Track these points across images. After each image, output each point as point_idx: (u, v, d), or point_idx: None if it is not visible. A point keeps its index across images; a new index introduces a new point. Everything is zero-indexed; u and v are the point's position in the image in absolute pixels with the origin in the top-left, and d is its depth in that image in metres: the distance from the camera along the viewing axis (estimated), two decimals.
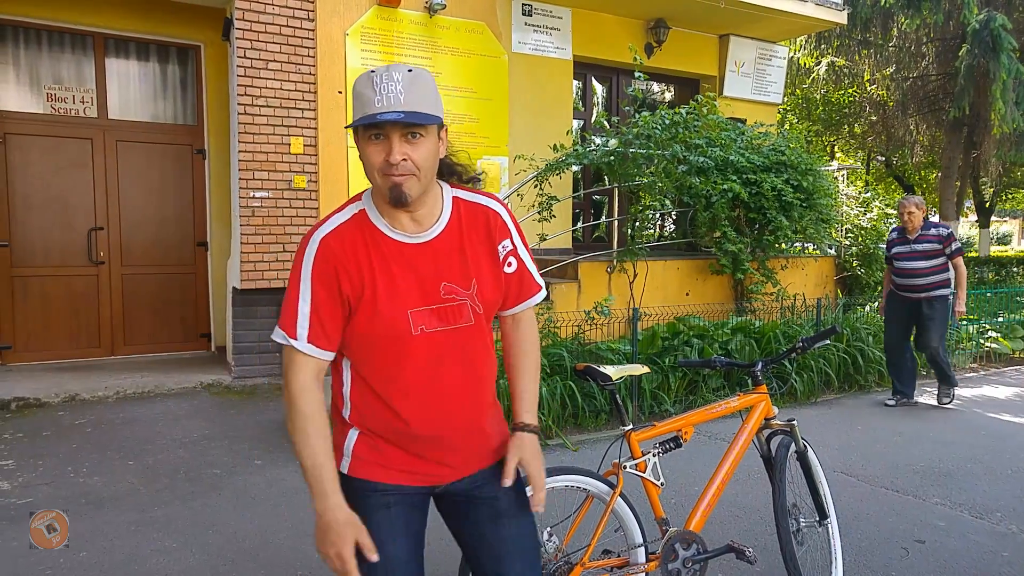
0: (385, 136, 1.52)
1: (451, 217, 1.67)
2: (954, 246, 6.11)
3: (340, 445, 1.69)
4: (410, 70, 1.54)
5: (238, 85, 6.51)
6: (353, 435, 1.69)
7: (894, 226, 6.57)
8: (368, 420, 1.67)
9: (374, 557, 1.53)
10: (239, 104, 6.51)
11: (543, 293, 1.85)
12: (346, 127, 1.67)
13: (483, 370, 1.72)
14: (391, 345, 1.60)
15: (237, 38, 6.50)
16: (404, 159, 1.52)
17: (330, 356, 1.61)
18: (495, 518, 1.74)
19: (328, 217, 1.65)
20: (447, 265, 1.64)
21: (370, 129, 1.53)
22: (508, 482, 1.68)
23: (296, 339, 1.57)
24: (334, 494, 1.54)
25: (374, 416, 1.66)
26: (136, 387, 6.26)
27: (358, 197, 1.69)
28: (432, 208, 1.65)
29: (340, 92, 6.95)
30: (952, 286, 6.27)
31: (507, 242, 1.73)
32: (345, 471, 1.68)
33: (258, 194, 6.57)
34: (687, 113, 7.58)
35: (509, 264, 1.73)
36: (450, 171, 1.75)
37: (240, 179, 6.53)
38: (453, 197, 1.70)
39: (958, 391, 7.10)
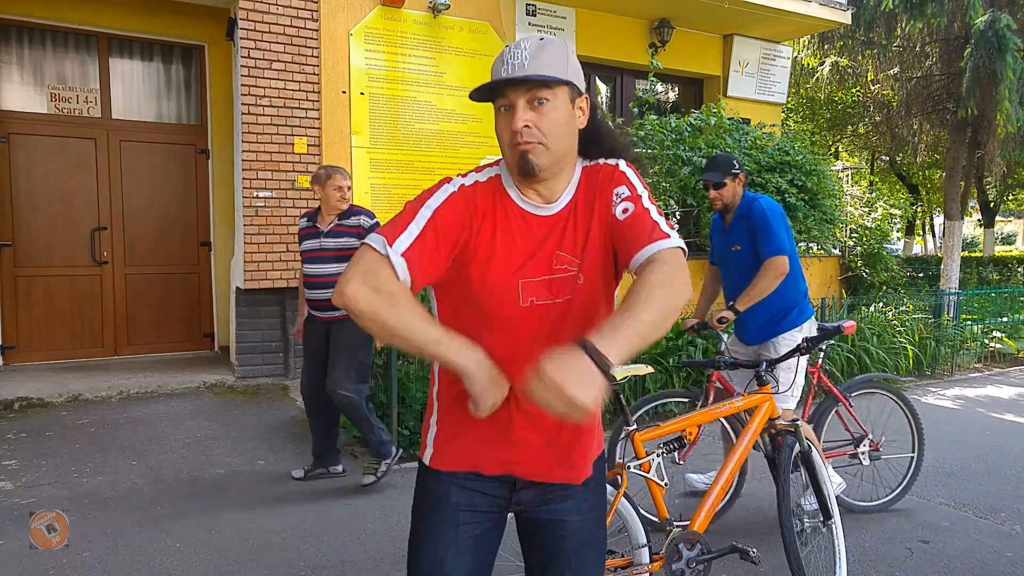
0: (512, 106, 1.46)
1: (577, 187, 1.58)
2: None
3: (424, 437, 1.68)
4: (542, 39, 1.47)
5: (242, 85, 6.51)
6: (434, 425, 1.65)
7: (305, 211, 4.51)
8: (454, 394, 1.57)
9: None
10: (243, 104, 6.51)
11: (674, 242, 1.44)
12: (469, 96, 1.56)
13: None
14: (497, 313, 1.52)
15: (241, 38, 6.51)
16: (527, 125, 1.44)
17: (406, 281, 1.42)
18: (559, 549, 1.64)
19: (467, 172, 1.59)
20: (563, 235, 1.55)
21: (498, 101, 1.48)
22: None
23: (391, 246, 1.41)
24: (465, 349, 1.40)
25: (461, 390, 1.50)
26: (139, 387, 6.26)
27: (496, 163, 1.62)
28: (563, 182, 1.57)
29: (344, 92, 6.95)
30: None
31: (622, 188, 1.54)
32: (427, 462, 1.65)
33: (262, 194, 6.57)
34: (695, 120, 7.64)
35: (624, 211, 1.50)
36: (598, 145, 1.61)
37: (244, 179, 6.54)
38: (583, 167, 1.61)
39: (961, 391, 7.08)
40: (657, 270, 1.38)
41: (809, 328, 3.78)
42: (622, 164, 1.59)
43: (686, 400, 4.04)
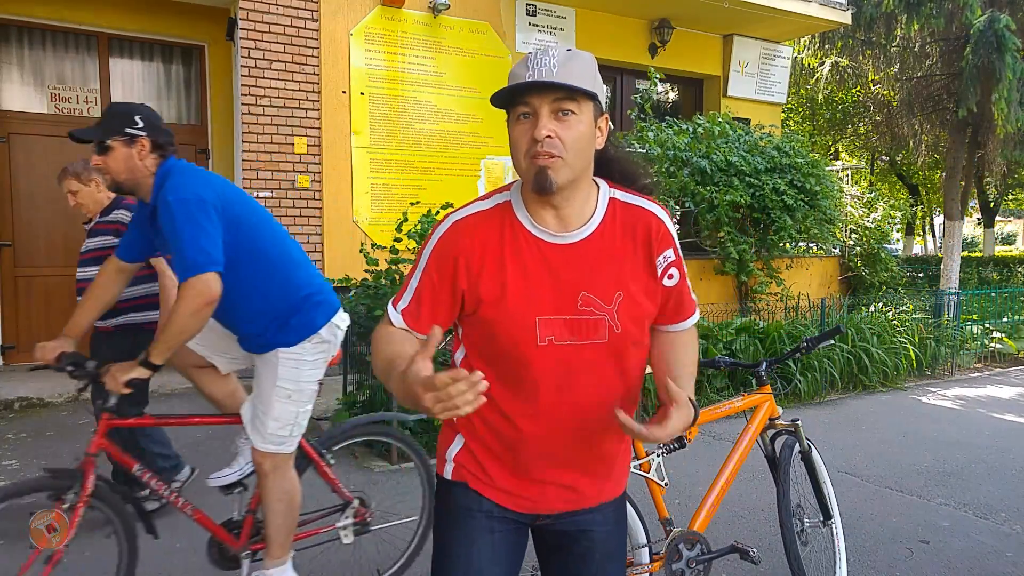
0: (533, 113, 1.36)
1: (604, 219, 1.48)
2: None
3: (443, 453, 1.62)
4: (569, 49, 1.40)
5: (242, 85, 6.51)
6: (458, 444, 1.59)
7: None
8: (479, 428, 1.54)
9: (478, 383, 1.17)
10: (243, 104, 6.51)
11: (697, 315, 1.65)
12: (491, 99, 1.42)
13: (612, 395, 1.51)
14: (513, 352, 1.46)
15: (241, 38, 6.51)
16: (550, 136, 1.35)
17: (418, 335, 1.51)
18: (585, 561, 1.61)
19: (471, 202, 1.52)
20: (590, 273, 1.46)
21: (517, 108, 1.38)
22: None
23: (395, 308, 1.52)
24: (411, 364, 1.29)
25: (485, 423, 1.53)
26: None
27: (507, 187, 1.52)
28: (583, 207, 1.47)
29: (344, 92, 6.95)
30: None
31: (669, 252, 1.52)
32: (448, 476, 1.60)
33: (262, 194, 6.57)
34: (696, 127, 7.65)
35: (670, 276, 1.53)
36: (623, 175, 1.58)
37: (244, 179, 6.54)
38: (610, 198, 1.51)
39: (961, 391, 7.09)
40: (690, 344, 1.64)
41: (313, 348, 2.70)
42: (666, 219, 1.54)
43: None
